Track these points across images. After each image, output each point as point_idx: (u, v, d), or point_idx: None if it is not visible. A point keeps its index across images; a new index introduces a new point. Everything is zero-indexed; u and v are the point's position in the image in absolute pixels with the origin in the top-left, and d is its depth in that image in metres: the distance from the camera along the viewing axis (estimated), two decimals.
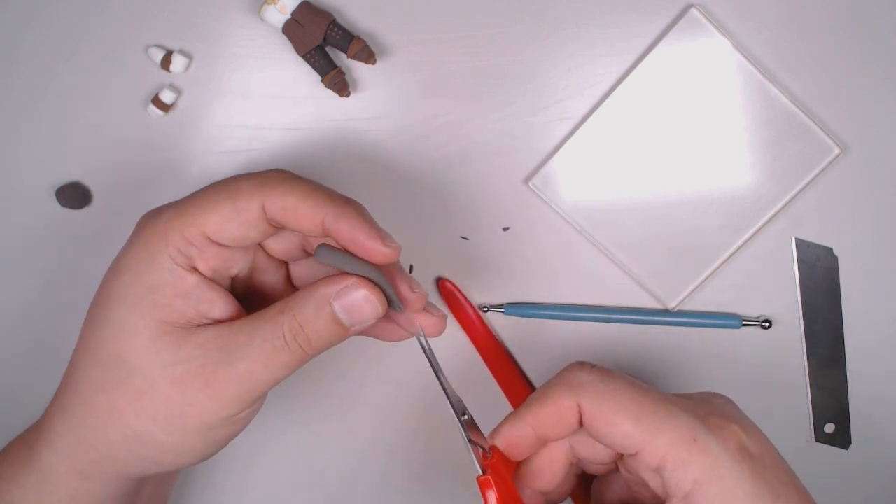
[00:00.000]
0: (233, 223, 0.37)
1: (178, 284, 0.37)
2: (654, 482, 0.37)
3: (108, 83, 0.48)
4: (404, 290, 0.39)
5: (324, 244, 0.38)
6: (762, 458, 0.36)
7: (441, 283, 0.49)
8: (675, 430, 0.35)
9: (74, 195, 0.48)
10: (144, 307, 0.37)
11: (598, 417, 0.37)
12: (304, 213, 0.37)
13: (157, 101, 0.47)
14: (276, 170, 0.39)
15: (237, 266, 0.40)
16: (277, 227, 0.39)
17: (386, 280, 0.38)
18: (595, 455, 0.40)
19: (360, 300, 0.37)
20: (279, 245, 0.41)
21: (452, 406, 0.39)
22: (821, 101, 0.47)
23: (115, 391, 0.37)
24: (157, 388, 0.36)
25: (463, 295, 0.49)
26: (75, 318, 0.39)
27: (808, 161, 0.47)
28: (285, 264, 0.43)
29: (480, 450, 0.38)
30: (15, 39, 0.47)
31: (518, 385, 0.50)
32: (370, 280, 0.37)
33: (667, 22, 0.47)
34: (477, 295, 0.50)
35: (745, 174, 0.47)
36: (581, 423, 0.38)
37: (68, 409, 0.38)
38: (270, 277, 0.42)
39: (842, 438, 0.50)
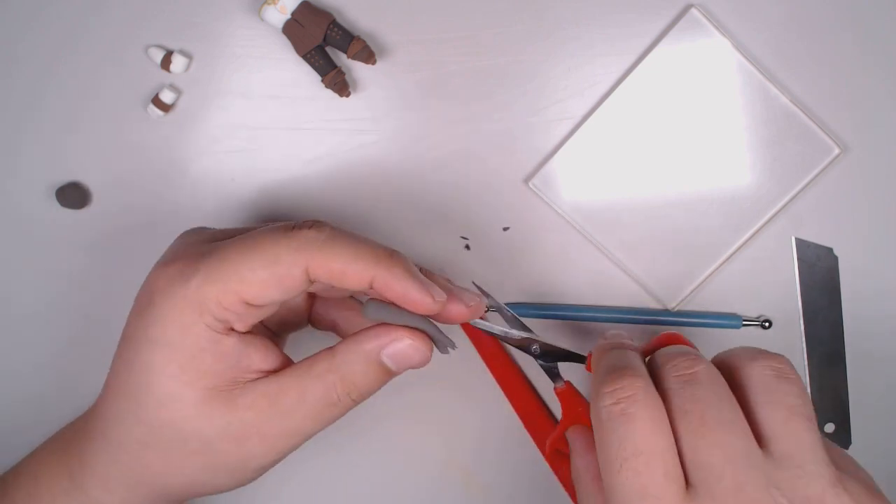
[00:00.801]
0: (273, 290, 0.36)
1: (216, 350, 0.37)
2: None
3: (108, 83, 0.48)
4: (461, 307, 0.39)
5: (372, 300, 0.39)
6: None
7: None
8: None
9: (74, 195, 0.48)
10: (186, 378, 0.36)
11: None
12: (351, 277, 0.36)
13: (157, 101, 0.47)
14: (315, 226, 0.37)
15: (271, 314, 0.39)
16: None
17: (435, 327, 0.39)
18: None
19: (407, 350, 0.38)
20: (328, 289, 0.41)
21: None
22: (821, 101, 0.47)
23: (170, 452, 0.37)
24: (215, 448, 0.37)
25: None
26: (75, 318, 0.40)
27: (808, 161, 0.47)
28: None
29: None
30: (15, 39, 0.47)
31: (518, 385, 0.50)
32: (418, 329, 0.38)
33: (667, 22, 0.47)
34: None
35: (745, 174, 0.47)
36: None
37: (115, 457, 0.38)
38: (294, 300, 0.43)
39: (842, 438, 0.50)
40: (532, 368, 0.50)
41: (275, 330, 0.44)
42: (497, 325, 0.42)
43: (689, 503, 0.33)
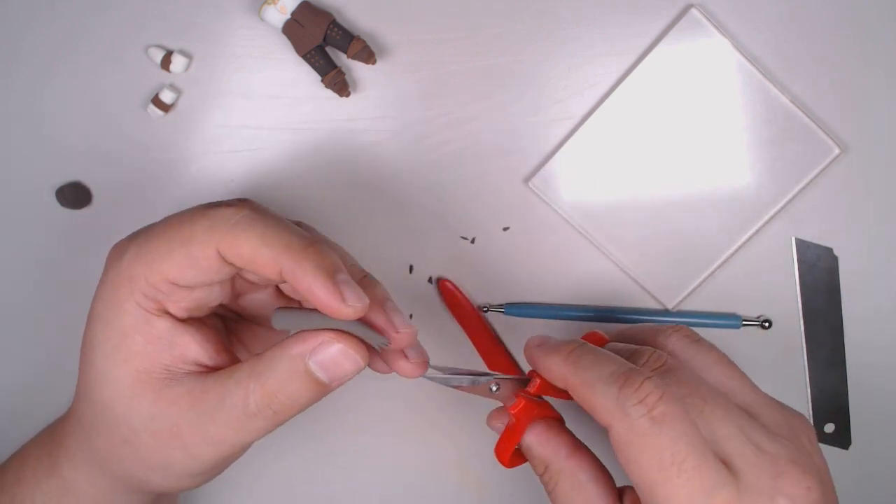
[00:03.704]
0: (191, 270, 0.34)
1: (148, 330, 0.35)
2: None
3: (108, 83, 0.48)
4: (389, 330, 0.35)
5: (279, 308, 0.36)
6: None
7: (441, 283, 0.49)
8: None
9: (74, 195, 0.48)
10: (120, 357, 0.35)
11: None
12: (261, 263, 0.34)
13: (157, 101, 0.47)
14: (233, 205, 0.35)
15: (214, 299, 0.37)
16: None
17: (362, 326, 0.34)
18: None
19: (336, 355, 0.34)
20: (255, 276, 0.38)
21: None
22: (821, 101, 0.47)
23: (108, 436, 0.36)
24: (141, 440, 0.35)
25: (463, 295, 0.49)
26: (75, 318, 0.39)
27: (808, 161, 0.47)
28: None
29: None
30: (15, 39, 0.47)
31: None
32: (345, 331, 0.34)
33: (667, 22, 0.47)
34: (477, 295, 0.50)
35: (745, 174, 0.47)
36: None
37: (79, 437, 0.38)
38: (259, 294, 0.40)
39: (842, 438, 0.50)
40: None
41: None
42: (447, 374, 0.38)
43: (739, 479, 0.33)
